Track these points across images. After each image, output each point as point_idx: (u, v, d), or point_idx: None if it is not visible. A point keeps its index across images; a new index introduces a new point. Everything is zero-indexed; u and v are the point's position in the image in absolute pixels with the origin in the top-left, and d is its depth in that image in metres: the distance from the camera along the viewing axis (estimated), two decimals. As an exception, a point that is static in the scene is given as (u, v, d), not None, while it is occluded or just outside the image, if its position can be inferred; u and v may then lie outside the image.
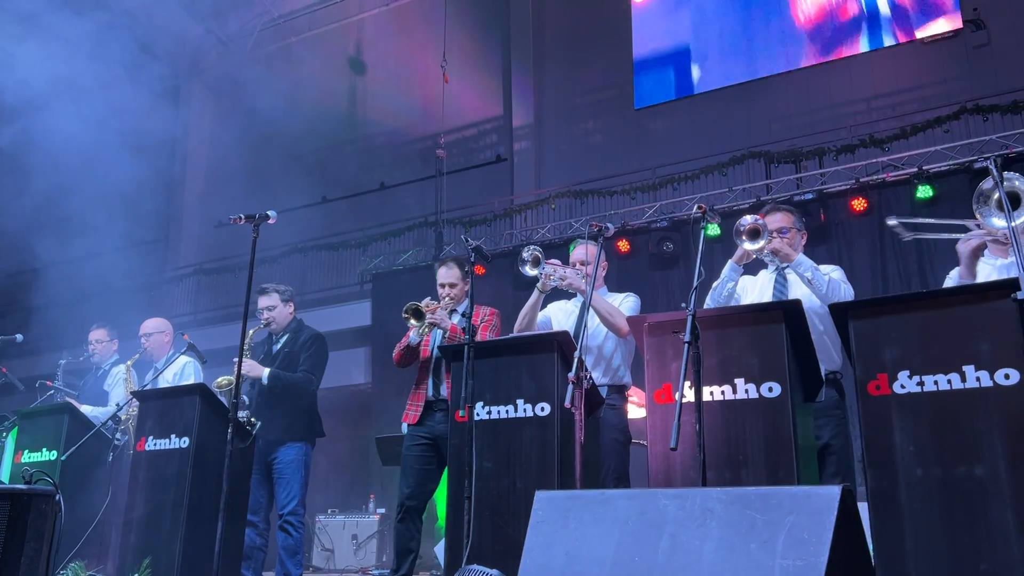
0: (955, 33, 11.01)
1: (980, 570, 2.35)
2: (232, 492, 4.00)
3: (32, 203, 8.91)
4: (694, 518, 1.80)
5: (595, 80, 14.09)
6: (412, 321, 4.02)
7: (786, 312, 2.78)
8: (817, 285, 3.32)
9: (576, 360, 2.87)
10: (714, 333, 2.84)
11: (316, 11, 16.09)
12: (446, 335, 4.02)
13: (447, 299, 4.16)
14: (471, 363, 3.21)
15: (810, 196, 9.36)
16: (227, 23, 16.32)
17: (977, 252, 3.10)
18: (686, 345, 2.57)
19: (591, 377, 2.92)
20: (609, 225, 3.42)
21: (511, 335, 3.65)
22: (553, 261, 3.88)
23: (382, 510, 8.19)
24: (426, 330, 4.01)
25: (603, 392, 3.71)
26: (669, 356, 2.81)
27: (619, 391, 3.86)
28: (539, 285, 3.81)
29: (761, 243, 3.26)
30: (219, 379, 4.68)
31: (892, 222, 3.31)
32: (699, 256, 2.82)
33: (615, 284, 4.11)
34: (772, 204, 3.80)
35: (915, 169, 8.94)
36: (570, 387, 2.81)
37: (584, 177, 12.06)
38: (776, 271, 3.62)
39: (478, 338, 3.68)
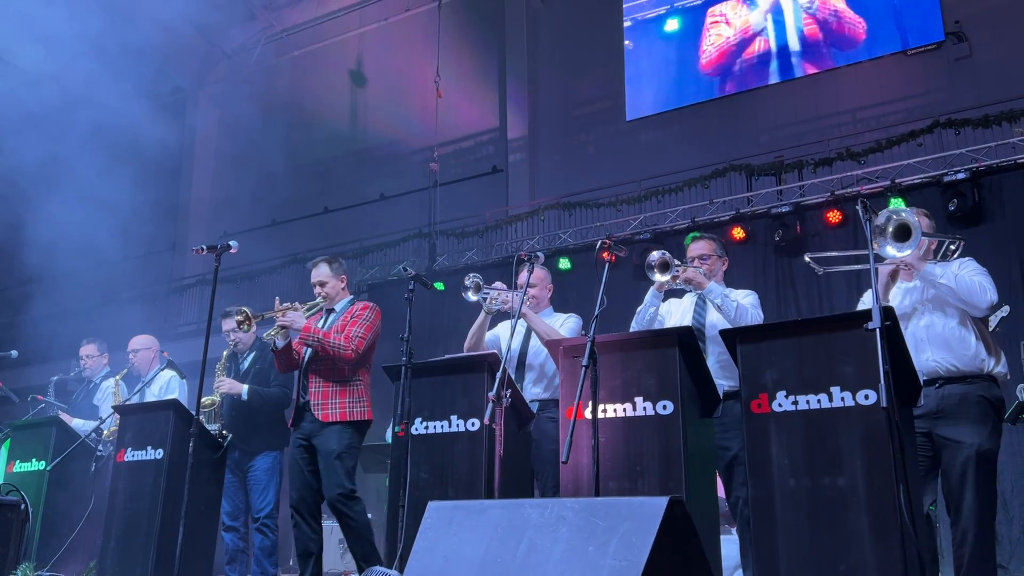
0: (938, 45, 11.22)
1: (839, 570, 2.63)
2: (204, 500, 4.33)
3: (36, 215, 9.19)
4: (550, 524, 2.10)
5: (588, 92, 14.36)
6: (243, 327, 4.25)
7: (680, 337, 3.07)
8: (726, 311, 3.61)
9: (498, 379, 3.17)
10: (619, 356, 3.14)
11: (317, 25, 16.45)
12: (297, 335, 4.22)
13: (320, 298, 4.36)
14: (408, 382, 3.52)
15: (787, 208, 9.60)
16: (232, 37, 16.71)
17: (894, 276, 3.37)
18: (583, 368, 2.86)
19: (510, 395, 3.22)
20: (539, 254, 3.71)
21: (448, 356, 3.96)
22: (497, 285, 4.18)
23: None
24: (277, 332, 4.15)
25: (544, 407, 4.01)
26: (579, 377, 3.10)
27: (559, 405, 4.15)
28: (484, 307, 4.12)
29: (670, 275, 3.55)
30: (203, 399, 5.00)
31: (807, 259, 3.60)
32: (602, 286, 3.11)
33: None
34: (696, 233, 4.09)
35: (888, 182, 9.18)
36: (490, 405, 3.10)
37: (578, 188, 12.33)
38: (697, 296, 3.90)
39: (336, 328, 4.04)
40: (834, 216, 9.30)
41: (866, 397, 2.70)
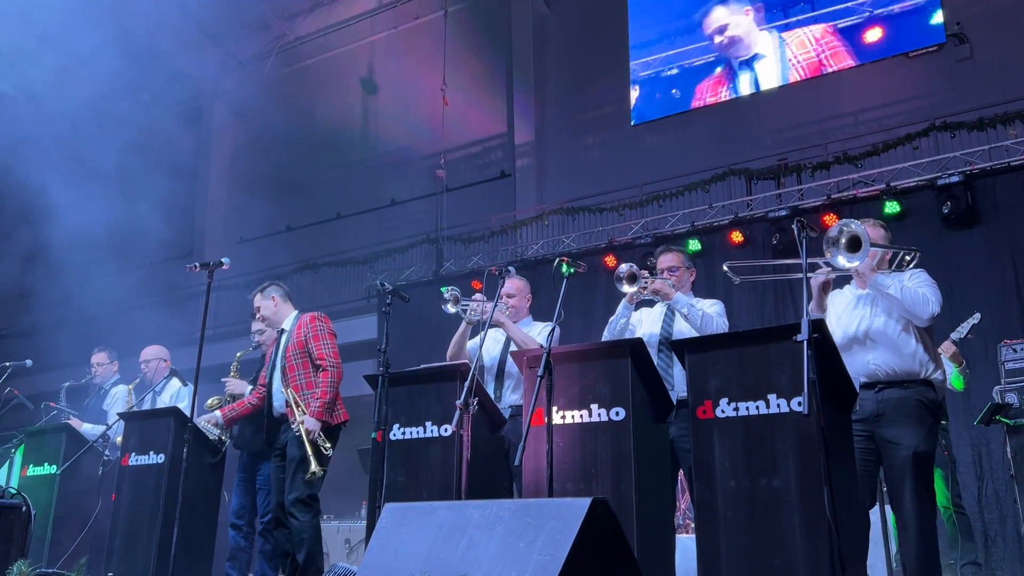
0: (940, 47, 11.27)
1: (773, 566, 2.82)
2: (203, 501, 4.59)
3: (52, 223, 9.44)
4: (488, 523, 2.31)
5: (595, 97, 14.53)
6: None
7: (632, 348, 3.28)
8: (692, 320, 3.81)
9: (466, 388, 3.39)
10: (577, 366, 3.35)
11: (328, 34, 16.73)
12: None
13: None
14: (385, 391, 3.75)
15: (784, 212, 9.73)
16: (246, 47, 17.05)
17: (825, 287, 3.56)
18: (539, 378, 3.08)
19: (478, 402, 3.43)
20: (510, 268, 3.93)
21: (424, 366, 4.18)
22: (476, 296, 4.39)
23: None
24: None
25: (521, 412, 4.22)
26: (543, 386, 3.31)
27: (534, 411, 4.36)
28: (464, 318, 4.34)
29: (637, 286, 3.75)
30: (209, 400, 5.26)
31: (725, 267, 3.79)
32: (560, 299, 3.32)
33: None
34: (664, 246, 4.28)
35: (884, 185, 9.30)
36: (457, 412, 3.32)
37: (584, 192, 12.50)
38: (666, 306, 4.10)
39: (294, 345, 4.43)
40: (830, 220, 9.41)
41: (799, 404, 2.89)
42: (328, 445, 4.26)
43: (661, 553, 3.26)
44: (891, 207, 9.01)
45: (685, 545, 3.84)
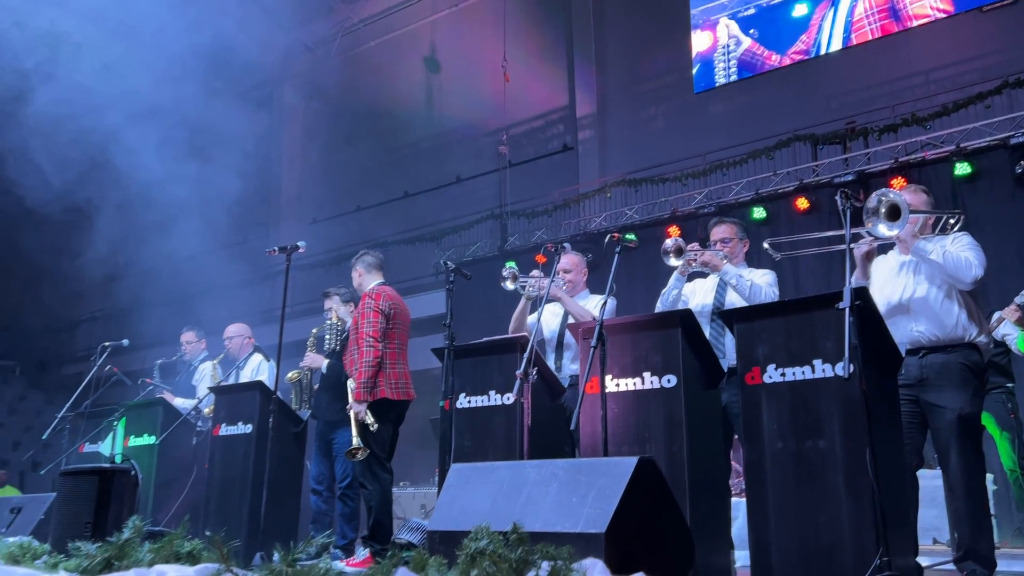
0: (1015, 0, 10.85)
1: (819, 522, 2.97)
2: (287, 467, 4.95)
3: (140, 210, 9.96)
4: (544, 481, 2.53)
5: (656, 66, 14.44)
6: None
7: (682, 319, 3.44)
8: (740, 290, 3.93)
9: (524, 359, 3.61)
10: (630, 336, 3.53)
11: (391, 15, 16.98)
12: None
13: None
14: (451, 362, 4.00)
15: (851, 177, 9.61)
16: (312, 31, 17.46)
17: (869, 256, 3.64)
18: (592, 349, 3.27)
19: (537, 372, 3.64)
20: (566, 245, 4.12)
21: (487, 339, 4.41)
22: (534, 273, 4.60)
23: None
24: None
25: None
26: (596, 355, 3.50)
27: (593, 380, 4.56)
28: (523, 294, 4.55)
29: (684, 259, 3.90)
30: (289, 373, 5.61)
31: (765, 245, 3.88)
32: (612, 273, 3.50)
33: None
34: (717, 218, 4.39)
35: (954, 147, 9.09)
36: (517, 381, 3.54)
37: (647, 163, 12.50)
38: (718, 277, 4.22)
39: (359, 323, 4.64)
40: (898, 183, 9.26)
41: (844, 368, 3.01)
42: (371, 420, 4.51)
43: (714, 512, 3.44)
44: (962, 168, 8.82)
45: (743, 509, 4.00)
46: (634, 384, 3.48)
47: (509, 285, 4.50)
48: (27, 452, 12.76)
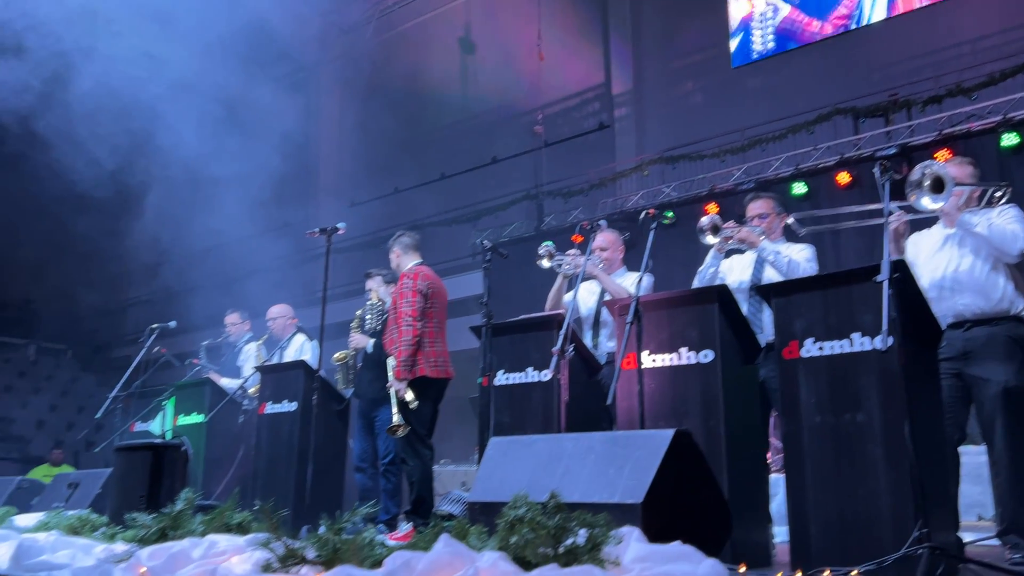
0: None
1: (858, 494, 2.98)
2: (331, 444, 5.07)
3: (184, 194, 10.15)
4: (582, 453, 2.57)
5: (693, 41, 14.24)
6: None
7: (719, 294, 3.45)
8: (777, 266, 3.92)
9: (561, 335, 3.65)
10: (666, 312, 3.55)
11: (424, -4, 16.96)
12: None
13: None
14: (489, 340, 4.06)
15: (893, 151, 9.42)
16: (347, 14, 17.52)
17: (899, 233, 3.60)
18: (628, 325, 3.30)
19: (574, 348, 3.68)
20: (602, 222, 4.13)
21: (524, 316, 4.46)
22: (570, 251, 4.62)
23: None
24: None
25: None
26: (632, 331, 3.53)
27: (631, 357, 4.58)
28: (560, 272, 4.59)
29: (720, 237, 3.89)
30: (336, 354, 5.72)
31: (790, 220, 3.84)
32: (648, 250, 3.51)
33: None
34: (753, 193, 4.36)
35: (1000, 117, 8.86)
36: (554, 358, 3.59)
37: (684, 140, 12.37)
38: (756, 253, 4.20)
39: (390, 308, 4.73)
40: (943, 156, 9.06)
41: (883, 342, 2.99)
42: (411, 398, 4.60)
43: (752, 487, 3.46)
44: (1008, 139, 8.60)
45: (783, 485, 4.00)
46: (671, 360, 3.50)
47: (545, 263, 4.53)
48: (81, 432, 13.20)
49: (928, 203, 3.35)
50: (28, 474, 8.80)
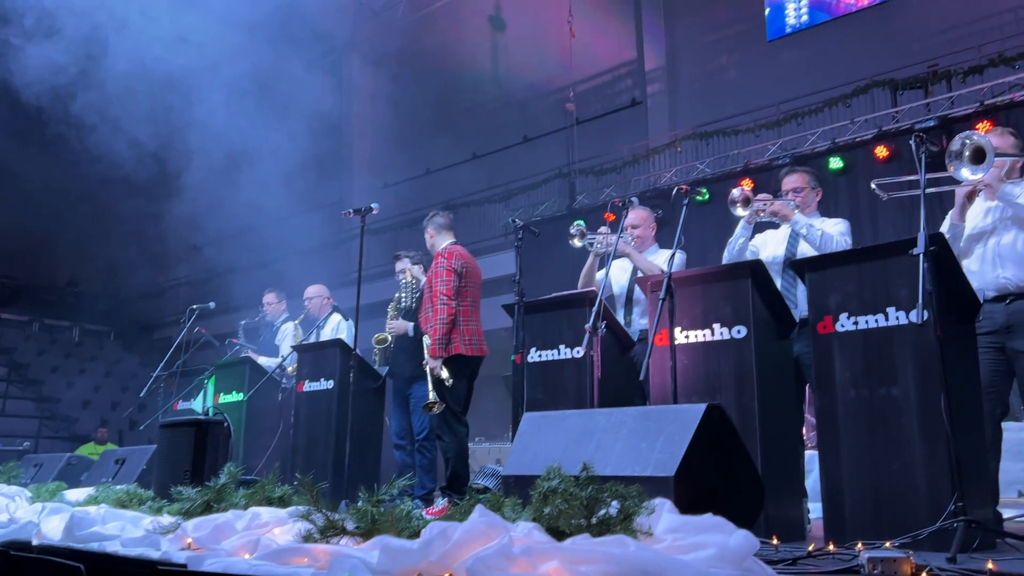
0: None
1: (893, 468, 2.97)
2: (368, 421, 5.16)
3: (221, 177, 10.28)
4: (614, 427, 2.60)
5: (726, 14, 14.05)
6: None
7: (752, 269, 3.44)
8: (811, 240, 3.88)
9: (593, 312, 3.66)
10: (699, 288, 3.55)
11: (454, -25, 16.91)
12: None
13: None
14: (521, 318, 4.09)
15: (933, 123, 9.24)
16: (377, -4, 17.54)
17: (971, 196, 3.55)
18: (660, 301, 3.31)
19: (606, 326, 3.69)
20: (634, 199, 4.12)
21: (555, 294, 4.48)
22: (602, 230, 4.63)
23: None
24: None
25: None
26: (666, 308, 3.53)
27: (664, 334, 4.59)
28: (592, 251, 4.60)
29: (751, 209, 3.87)
30: (378, 335, 5.78)
31: (873, 185, 3.78)
32: (680, 226, 3.51)
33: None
34: (789, 167, 4.32)
35: (1044, 86, 8.65)
36: (586, 335, 3.61)
37: (718, 115, 12.24)
38: (790, 228, 4.17)
39: (432, 282, 4.75)
40: (984, 127, 8.87)
41: (918, 316, 2.97)
42: (446, 375, 4.66)
43: (786, 462, 3.45)
44: (1049, 110, 8.40)
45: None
46: (704, 335, 3.50)
47: (577, 243, 4.55)
48: (125, 411, 13.53)
49: (968, 174, 3.31)
50: (75, 452, 9.06)
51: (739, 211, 3.93)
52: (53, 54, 7.77)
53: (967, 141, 3.31)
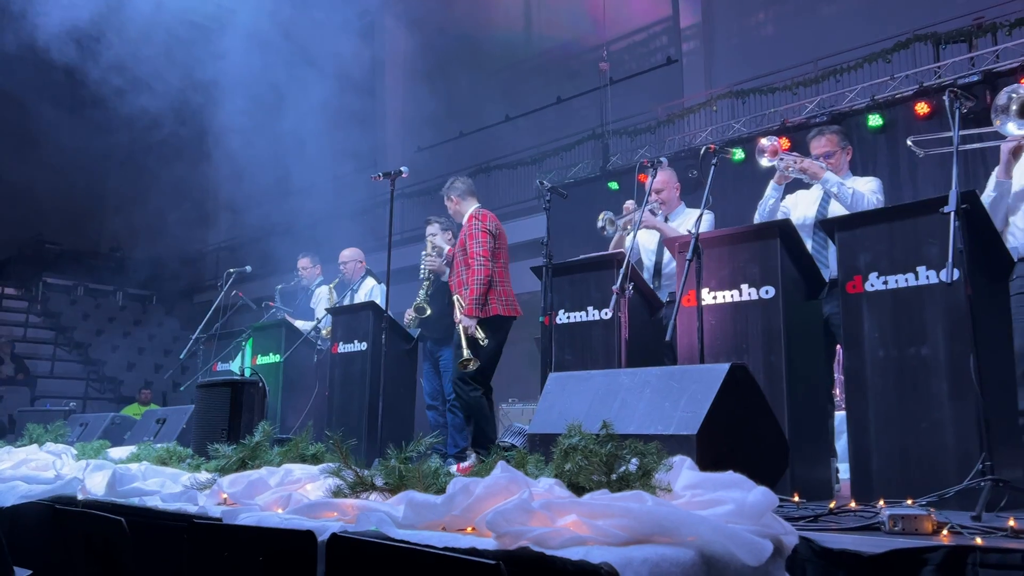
0: None
1: (921, 428, 2.96)
2: (401, 382, 5.25)
3: (257, 150, 10.40)
4: (638, 387, 2.62)
5: (764, -33, 13.73)
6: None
7: (781, 229, 3.40)
8: (842, 198, 3.83)
9: (621, 274, 3.67)
10: (727, 248, 3.53)
11: (487, -67, 16.68)
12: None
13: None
14: (550, 279, 4.11)
15: (976, 78, 8.97)
16: (410, -44, 17.38)
17: (1017, 152, 3.47)
18: (688, 262, 3.30)
19: (633, 287, 3.69)
20: (663, 159, 4.09)
21: (583, 256, 4.48)
22: (627, 206, 4.61)
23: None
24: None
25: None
26: (693, 269, 3.53)
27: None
28: (619, 232, 4.60)
29: (780, 162, 3.82)
30: (408, 314, 5.83)
31: (909, 142, 3.71)
32: (707, 185, 3.48)
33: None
34: (817, 129, 4.24)
35: (1096, 37, 8.34)
36: (614, 297, 3.62)
37: (755, 73, 12.01)
38: (821, 189, 4.11)
39: (467, 244, 4.80)
40: (1031, 81, 8.60)
41: (948, 275, 2.93)
42: (482, 335, 4.72)
43: (815, 422, 3.45)
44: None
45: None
46: (732, 296, 3.49)
47: (608, 230, 4.57)
48: (167, 373, 13.89)
49: (1013, 128, 3.26)
50: (120, 412, 9.34)
51: (765, 161, 3.89)
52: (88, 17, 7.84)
53: (1014, 95, 3.25)
